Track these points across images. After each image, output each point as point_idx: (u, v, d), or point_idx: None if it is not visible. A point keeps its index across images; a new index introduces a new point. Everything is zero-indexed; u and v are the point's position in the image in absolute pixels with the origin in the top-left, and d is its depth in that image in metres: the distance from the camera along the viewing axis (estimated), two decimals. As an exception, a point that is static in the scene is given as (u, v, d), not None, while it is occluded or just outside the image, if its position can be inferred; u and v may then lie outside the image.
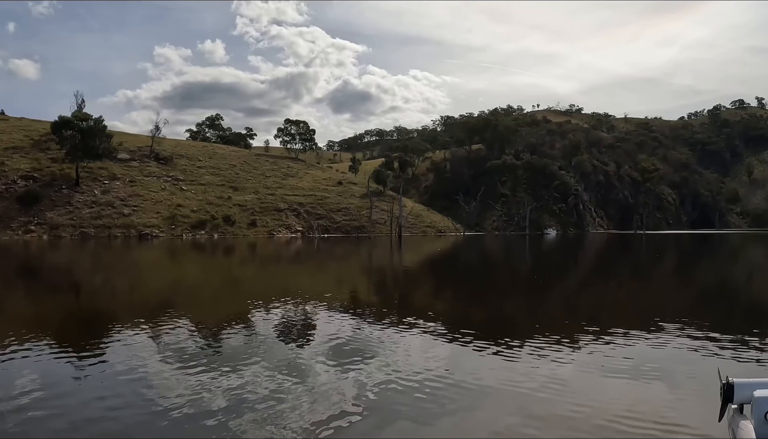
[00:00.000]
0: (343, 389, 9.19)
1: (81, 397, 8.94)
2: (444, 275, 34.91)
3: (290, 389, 9.24)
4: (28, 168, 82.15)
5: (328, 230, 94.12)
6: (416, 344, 12.72)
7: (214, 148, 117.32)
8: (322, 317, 16.58)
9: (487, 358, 11.35)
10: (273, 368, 10.49)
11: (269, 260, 47.80)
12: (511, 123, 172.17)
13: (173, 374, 10.28)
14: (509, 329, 14.77)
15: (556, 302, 20.97)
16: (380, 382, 9.55)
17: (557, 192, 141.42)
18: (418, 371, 10.20)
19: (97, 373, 10.48)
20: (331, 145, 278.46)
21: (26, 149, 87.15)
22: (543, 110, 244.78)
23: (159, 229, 78.19)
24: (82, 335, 14.35)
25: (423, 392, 8.95)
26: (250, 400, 8.68)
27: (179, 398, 8.73)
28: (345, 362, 10.95)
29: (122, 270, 35.71)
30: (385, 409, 8.27)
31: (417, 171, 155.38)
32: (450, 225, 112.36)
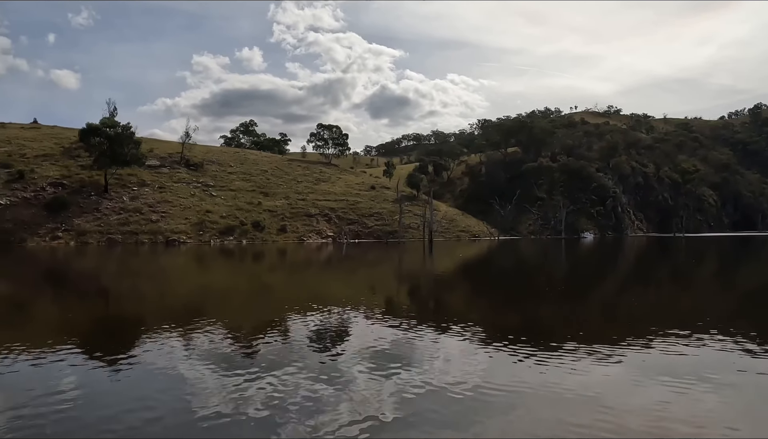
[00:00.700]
0: (381, 395, 9.30)
1: (118, 401, 9.14)
2: (476, 281, 34.02)
3: (328, 394, 9.38)
4: (57, 175, 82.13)
5: (360, 235, 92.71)
6: (453, 350, 12.66)
7: (246, 153, 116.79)
8: (357, 323, 16.61)
9: (524, 364, 11.27)
10: (311, 373, 10.64)
11: (299, 265, 46.68)
12: (547, 125, 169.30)
13: (210, 378, 10.48)
14: (545, 334, 14.50)
15: (591, 307, 20.75)
16: (419, 387, 9.64)
17: (595, 195, 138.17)
18: (456, 376, 10.24)
19: (133, 377, 10.70)
20: (368, 150, 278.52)
21: (56, 157, 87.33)
22: (581, 112, 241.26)
23: (186, 235, 77.43)
24: (116, 340, 14.59)
25: (461, 398, 9.04)
26: (287, 404, 8.83)
27: (217, 402, 8.94)
28: (383, 368, 11.03)
29: (150, 276, 36.02)
30: (423, 414, 8.34)
31: (452, 175, 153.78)
32: (484, 229, 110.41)
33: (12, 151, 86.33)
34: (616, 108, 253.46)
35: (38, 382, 10.30)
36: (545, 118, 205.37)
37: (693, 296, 24.86)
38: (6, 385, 10.35)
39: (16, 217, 72.41)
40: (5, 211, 73.33)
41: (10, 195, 76.31)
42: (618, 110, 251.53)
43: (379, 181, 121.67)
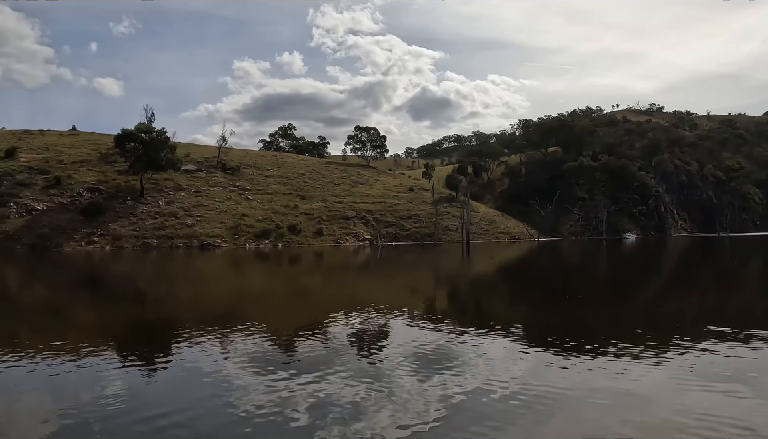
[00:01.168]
0: (425, 397, 9.25)
1: (162, 403, 9.15)
2: (515, 284, 33.30)
3: (372, 396, 9.35)
4: (94, 180, 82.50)
5: (397, 238, 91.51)
6: (496, 352, 12.59)
7: (284, 157, 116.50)
8: (397, 326, 16.57)
9: (567, 366, 11.19)
10: (353, 376, 10.61)
11: (335, 268, 46.34)
12: (587, 123, 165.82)
13: (253, 381, 10.46)
14: (589, 336, 14.15)
15: (635, 309, 20.21)
16: (462, 389, 9.57)
17: (637, 194, 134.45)
18: (499, 378, 10.23)
19: (175, 379, 10.84)
20: (409, 152, 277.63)
21: (93, 163, 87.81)
22: (623, 110, 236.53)
23: (221, 239, 76.97)
24: (156, 343, 14.76)
25: (505, 400, 9.01)
26: (330, 407, 8.82)
27: (260, 404, 8.96)
28: (426, 370, 10.98)
29: (187, 280, 36.40)
30: (467, 417, 8.32)
31: (492, 176, 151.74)
32: (524, 231, 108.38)
33: (50, 157, 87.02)
34: (658, 105, 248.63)
35: (83, 384, 10.41)
36: (586, 117, 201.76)
37: (738, 297, 23.99)
38: (52, 388, 10.40)
39: (53, 223, 72.80)
40: (42, 216, 73.77)
41: (47, 201, 76.80)
42: (660, 108, 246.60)
43: (418, 183, 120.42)
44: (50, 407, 9.21)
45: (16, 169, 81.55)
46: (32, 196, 76.86)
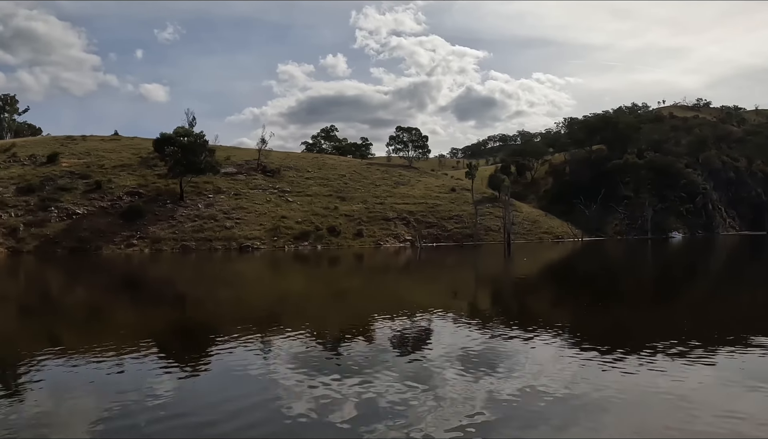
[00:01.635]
0: (472, 398, 9.30)
1: (209, 402, 9.40)
2: (556, 285, 33.00)
3: (418, 396, 9.41)
4: (134, 184, 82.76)
5: (439, 239, 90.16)
6: (543, 354, 12.52)
7: (324, 158, 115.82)
8: (440, 327, 16.60)
9: (614, 368, 11.16)
10: (399, 376, 10.75)
11: (375, 270, 46.46)
12: (632, 120, 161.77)
13: (299, 381, 10.67)
14: (635, 338, 14.22)
15: (682, 312, 19.88)
16: (509, 390, 9.64)
17: (684, 192, 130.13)
18: (546, 378, 10.26)
19: (222, 380, 11.06)
20: (454, 152, 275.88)
21: (134, 167, 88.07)
22: (669, 106, 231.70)
23: (260, 241, 76.44)
24: (201, 344, 15.06)
25: (552, 400, 8.99)
26: (378, 406, 8.92)
27: (307, 404, 9.12)
28: (472, 371, 11.04)
29: (227, 282, 36.83)
30: (514, 417, 8.31)
31: (536, 175, 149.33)
32: (568, 230, 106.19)
33: (91, 162, 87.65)
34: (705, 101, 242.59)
35: (130, 384, 10.63)
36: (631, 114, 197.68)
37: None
38: (100, 387, 10.68)
39: (93, 226, 73.09)
40: (82, 220, 74.12)
41: (87, 205, 77.21)
42: (707, 103, 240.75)
43: (460, 183, 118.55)
44: (99, 407, 9.32)
45: (57, 174, 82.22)
46: (73, 201, 77.30)
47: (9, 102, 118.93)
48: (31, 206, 75.14)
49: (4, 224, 71.61)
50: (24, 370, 12.12)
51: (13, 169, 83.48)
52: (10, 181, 79.99)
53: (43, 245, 69.32)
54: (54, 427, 8.47)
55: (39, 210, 74.71)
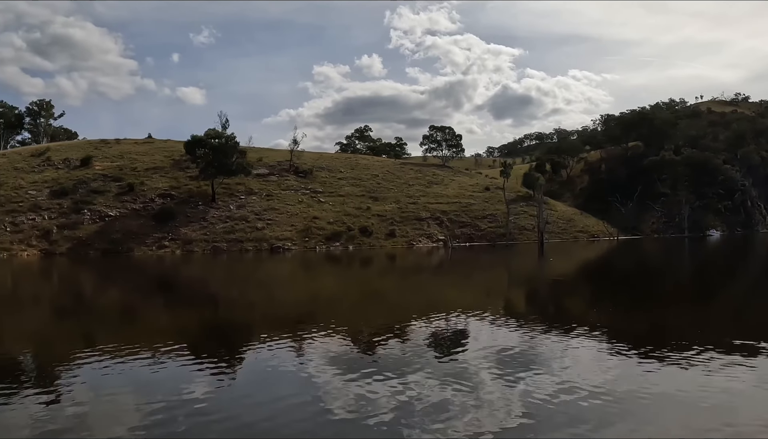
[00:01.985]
0: (509, 398, 9.29)
1: (248, 402, 9.41)
2: (592, 287, 32.01)
3: (456, 396, 9.37)
4: (166, 186, 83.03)
5: (472, 238, 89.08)
6: (580, 354, 12.45)
7: (358, 158, 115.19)
8: (475, 327, 16.57)
9: (653, 369, 11.06)
10: (437, 376, 10.68)
11: (407, 271, 46.20)
12: (669, 116, 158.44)
13: (337, 381, 10.70)
14: (672, 340, 13.92)
15: (721, 311, 19.60)
16: (546, 391, 9.49)
17: (722, 188, 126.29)
18: (584, 381, 10.10)
19: (260, 379, 11.13)
20: (491, 151, 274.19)
21: (166, 169, 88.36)
22: (706, 102, 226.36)
23: (291, 242, 76.07)
24: (237, 344, 15.13)
25: (590, 401, 8.92)
26: (416, 406, 8.89)
27: (345, 404, 9.10)
28: (509, 372, 10.95)
29: (259, 282, 37.15)
30: (552, 417, 8.21)
31: (572, 173, 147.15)
32: (604, 229, 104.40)
33: (124, 165, 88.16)
34: (744, 95, 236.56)
35: (168, 385, 10.74)
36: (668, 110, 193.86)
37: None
38: (138, 388, 10.71)
39: (125, 228, 73.50)
40: (114, 222, 74.54)
41: (119, 207, 77.66)
42: (746, 98, 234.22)
43: (495, 182, 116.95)
44: (138, 408, 9.36)
45: (90, 177, 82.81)
46: (105, 203, 77.75)
47: (45, 107, 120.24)
48: (64, 209, 75.75)
49: (37, 227, 72.26)
50: (63, 370, 12.21)
51: (47, 173, 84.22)
52: (44, 185, 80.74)
53: (75, 247, 69.84)
54: (93, 428, 8.46)
55: (72, 213, 75.33)
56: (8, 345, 16.28)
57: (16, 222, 72.72)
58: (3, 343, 16.85)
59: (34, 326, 20.02)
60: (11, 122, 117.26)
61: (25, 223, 72.77)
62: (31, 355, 14.92)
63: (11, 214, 73.63)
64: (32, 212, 74.56)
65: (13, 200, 76.47)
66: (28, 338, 17.36)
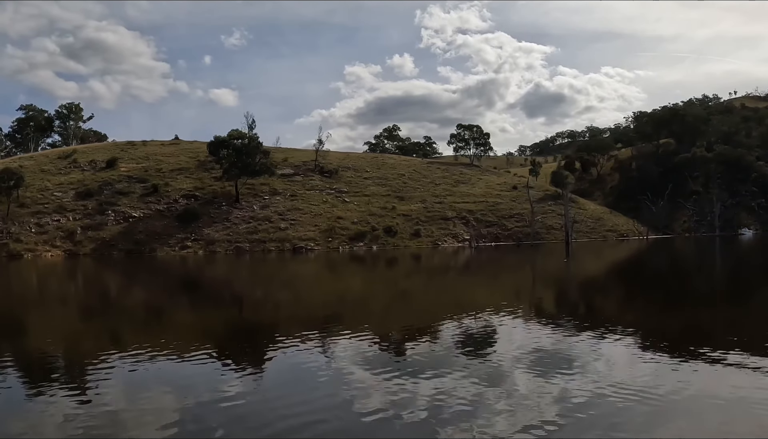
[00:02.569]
0: (543, 398, 9.13)
1: (282, 402, 9.34)
2: (616, 290, 30.09)
3: (490, 397, 9.27)
4: (191, 187, 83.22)
5: (499, 238, 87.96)
6: (614, 355, 12.39)
7: (384, 158, 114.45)
8: (502, 328, 16.43)
9: (688, 370, 10.95)
10: (468, 377, 10.55)
11: (428, 271, 45.45)
12: (701, 112, 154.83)
13: (369, 381, 10.65)
14: (706, 341, 13.53)
15: (752, 315, 18.70)
16: (581, 392, 9.38)
17: (755, 186, 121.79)
18: (619, 382, 9.93)
19: (292, 379, 11.12)
20: (522, 149, 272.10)
21: (191, 170, 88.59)
22: (740, 97, 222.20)
23: (315, 242, 75.62)
24: (267, 344, 14.96)
25: (624, 403, 8.78)
26: (446, 407, 8.77)
27: (377, 404, 9.02)
28: (543, 372, 10.83)
29: (284, 283, 36.92)
30: (586, 419, 8.12)
31: (602, 171, 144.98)
32: (634, 228, 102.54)
33: (149, 166, 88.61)
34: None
35: (199, 385, 10.67)
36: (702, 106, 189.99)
37: None
38: (168, 388, 10.72)
39: (149, 229, 73.76)
40: (138, 223, 74.85)
41: (143, 208, 78.01)
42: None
43: (523, 181, 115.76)
44: (168, 408, 9.33)
45: (115, 179, 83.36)
46: (130, 204, 78.15)
47: (74, 110, 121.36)
48: (89, 210, 76.28)
49: (62, 228, 72.79)
50: (92, 370, 12.20)
51: (73, 175, 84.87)
52: (69, 186, 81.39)
53: (99, 247, 70.24)
54: (123, 427, 8.47)
55: (96, 214, 75.84)
56: (37, 343, 16.43)
57: (41, 223, 73.34)
58: (32, 341, 17.13)
59: (58, 324, 20.17)
60: (41, 125, 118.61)
61: (50, 224, 73.35)
62: (63, 353, 14.88)
63: (36, 216, 74.30)
64: (57, 213, 75.16)
65: (38, 202, 77.19)
66: (58, 336, 17.37)
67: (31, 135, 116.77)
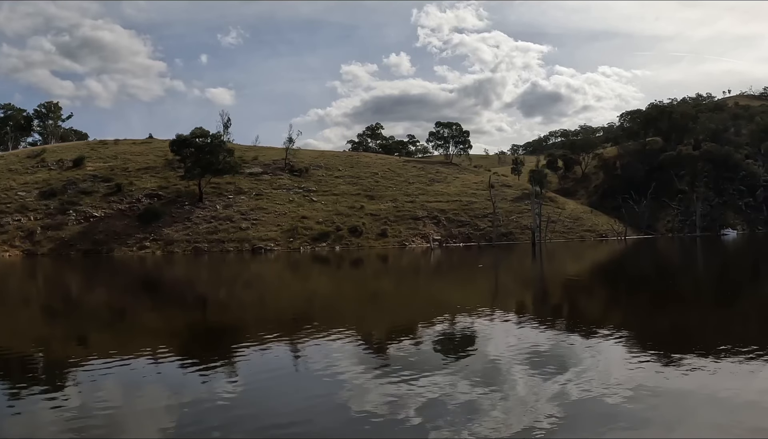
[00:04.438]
0: (537, 398, 9.28)
1: (278, 402, 9.74)
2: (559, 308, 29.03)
3: (485, 396, 9.44)
4: (155, 186, 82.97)
5: (470, 238, 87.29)
6: (605, 356, 12.60)
7: (360, 156, 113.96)
8: (494, 329, 16.73)
9: (675, 369, 11.28)
10: (467, 377, 10.77)
11: (386, 272, 45.18)
12: (688, 109, 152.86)
13: (364, 382, 10.80)
14: (696, 343, 14.03)
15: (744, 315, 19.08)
16: (573, 392, 9.59)
17: (743, 184, 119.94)
18: (610, 382, 10.15)
19: (287, 380, 11.41)
20: (515, 148, 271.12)
21: (158, 169, 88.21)
22: (734, 96, 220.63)
23: (275, 242, 75.20)
24: (230, 346, 15.11)
25: (617, 403, 8.92)
26: (444, 407, 8.91)
27: (373, 405, 9.17)
28: (535, 373, 11.04)
29: (246, 284, 37.09)
30: (582, 417, 8.33)
31: (587, 170, 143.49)
32: (613, 228, 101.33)
33: (116, 165, 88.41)
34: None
35: (191, 386, 10.86)
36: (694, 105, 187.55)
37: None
38: (135, 391, 10.71)
39: (109, 229, 73.70)
40: (99, 223, 74.71)
41: (106, 207, 77.73)
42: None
43: (501, 179, 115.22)
44: (165, 408, 9.53)
45: (80, 178, 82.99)
46: (92, 204, 77.99)
47: (52, 109, 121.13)
48: (50, 210, 76.18)
49: (22, 228, 72.63)
50: (57, 372, 12.44)
51: (39, 174, 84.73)
52: (34, 186, 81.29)
53: (58, 247, 70.21)
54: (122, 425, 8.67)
55: (58, 213, 75.71)
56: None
57: (2, 223, 73.30)
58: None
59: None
60: (20, 125, 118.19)
61: (11, 224, 73.24)
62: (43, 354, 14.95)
63: (-3, 216, 74.01)
64: (19, 213, 75.06)
65: (1, 201, 76.83)
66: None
67: (10, 134, 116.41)
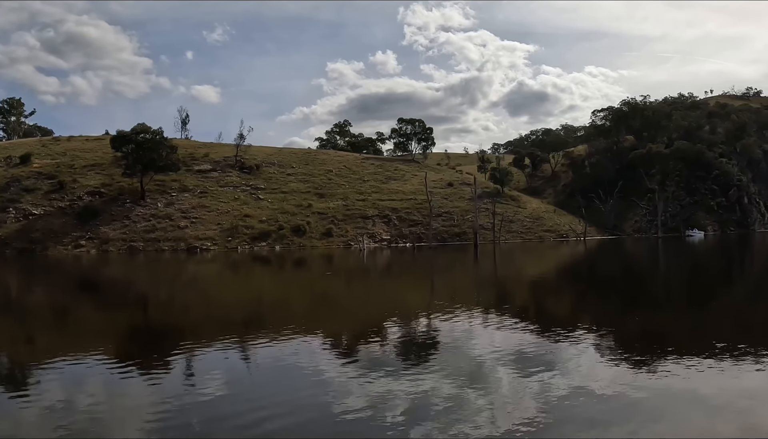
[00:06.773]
0: (521, 398, 9.46)
1: (257, 401, 9.66)
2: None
3: (467, 397, 9.57)
4: (98, 184, 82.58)
5: (422, 238, 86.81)
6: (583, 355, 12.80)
7: (317, 153, 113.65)
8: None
9: (651, 369, 11.49)
10: (454, 377, 10.89)
11: (321, 274, 44.07)
12: (661, 106, 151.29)
13: (348, 381, 10.98)
14: (673, 344, 14.20)
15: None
16: (558, 391, 9.73)
17: (716, 184, 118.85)
18: (593, 381, 10.40)
19: (267, 378, 11.64)
20: (496, 147, 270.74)
21: (104, 166, 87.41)
22: (716, 96, 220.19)
23: (212, 242, 75.04)
24: (174, 348, 14.97)
25: (602, 402, 9.17)
26: (429, 406, 9.04)
27: (356, 404, 9.28)
28: (516, 372, 11.25)
29: (185, 285, 36.90)
30: (565, 416, 8.45)
31: (557, 168, 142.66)
32: (572, 228, 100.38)
33: (63, 162, 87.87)
34: (756, 90, 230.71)
35: (169, 386, 11.08)
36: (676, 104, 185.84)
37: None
38: (155, 389, 10.92)
39: (46, 227, 73.39)
40: (37, 221, 74.40)
41: (46, 205, 77.31)
42: (758, 92, 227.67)
43: (461, 177, 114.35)
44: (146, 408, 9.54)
45: (24, 175, 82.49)
46: (33, 201, 77.63)
47: (14, 105, 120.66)
48: (-10, 207, 75.47)
49: (-44, 226, 72.08)
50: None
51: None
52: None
53: (-7, 246, 69.53)
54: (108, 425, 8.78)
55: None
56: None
57: (-62, 221, 72.71)
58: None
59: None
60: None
61: (-53, 222, 72.72)
62: None
63: (-67, 214, 73.70)
64: (-43, 211, 74.48)
65: (-59, 199, 76.52)
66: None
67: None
